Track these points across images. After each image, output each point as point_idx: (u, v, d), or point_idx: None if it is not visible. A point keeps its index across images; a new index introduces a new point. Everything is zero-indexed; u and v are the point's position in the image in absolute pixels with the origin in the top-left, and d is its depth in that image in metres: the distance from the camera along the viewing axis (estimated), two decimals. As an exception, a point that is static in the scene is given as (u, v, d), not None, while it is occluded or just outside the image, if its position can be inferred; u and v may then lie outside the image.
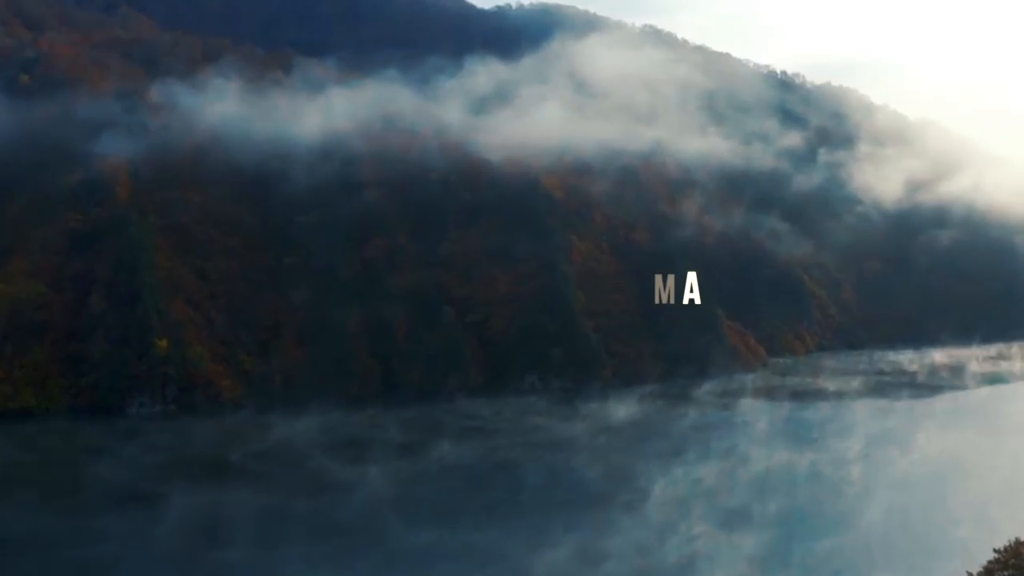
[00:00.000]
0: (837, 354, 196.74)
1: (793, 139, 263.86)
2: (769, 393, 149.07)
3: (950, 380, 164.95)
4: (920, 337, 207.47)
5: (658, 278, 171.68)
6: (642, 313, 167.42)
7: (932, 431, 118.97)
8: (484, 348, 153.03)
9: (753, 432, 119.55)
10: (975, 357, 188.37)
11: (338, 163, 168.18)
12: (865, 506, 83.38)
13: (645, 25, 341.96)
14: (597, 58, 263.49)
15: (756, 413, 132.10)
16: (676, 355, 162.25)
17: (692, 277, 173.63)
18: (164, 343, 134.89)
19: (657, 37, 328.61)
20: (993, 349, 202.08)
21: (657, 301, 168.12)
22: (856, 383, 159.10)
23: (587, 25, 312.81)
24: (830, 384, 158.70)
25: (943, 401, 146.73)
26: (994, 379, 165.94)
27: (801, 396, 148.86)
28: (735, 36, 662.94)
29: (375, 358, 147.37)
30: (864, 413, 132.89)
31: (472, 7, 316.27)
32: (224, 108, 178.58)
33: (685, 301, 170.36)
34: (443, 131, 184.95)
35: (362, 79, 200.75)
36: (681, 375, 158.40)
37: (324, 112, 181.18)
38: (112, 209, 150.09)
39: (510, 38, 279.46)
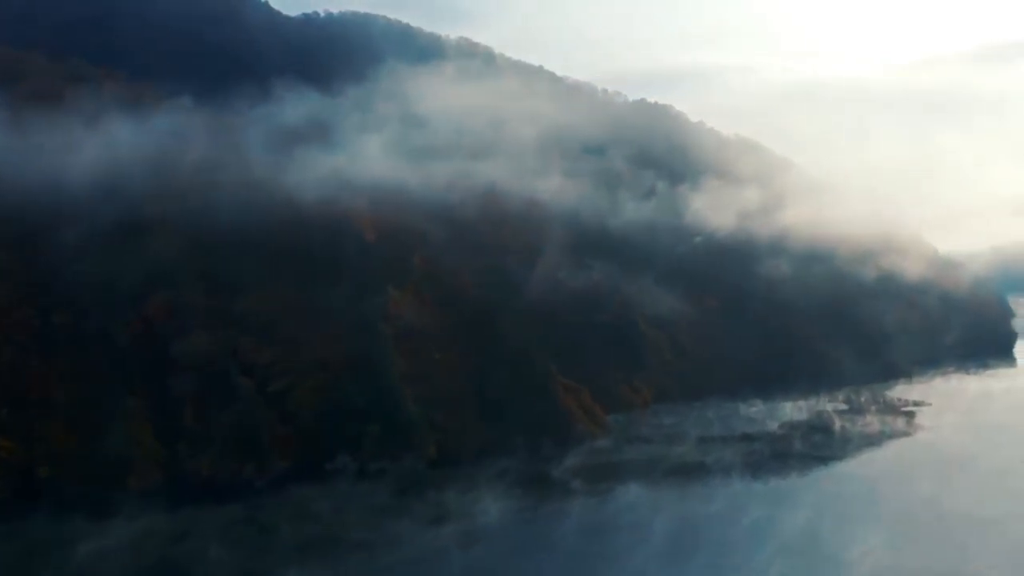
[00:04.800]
0: (678, 407, 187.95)
1: (625, 167, 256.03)
2: (641, 472, 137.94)
3: (826, 446, 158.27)
4: (764, 384, 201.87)
5: (484, 333, 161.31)
6: (467, 375, 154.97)
7: (857, 531, 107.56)
8: (288, 425, 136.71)
9: (654, 540, 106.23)
10: (832, 412, 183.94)
11: (119, 203, 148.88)
12: None
13: (460, 38, 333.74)
14: (420, 82, 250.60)
15: (642, 507, 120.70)
16: (506, 424, 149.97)
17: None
18: None
19: (473, 51, 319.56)
20: (841, 397, 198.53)
21: (484, 360, 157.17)
22: (729, 454, 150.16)
23: (402, 38, 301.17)
24: (700, 455, 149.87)
25: (835, 477, 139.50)
26: (869, 441, 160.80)
27: (677, 474, 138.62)
28: (542, 46, 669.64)
29: (160, 441, 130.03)
30: (764, 502, 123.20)
31: (279, 15, 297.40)
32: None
33: (514, 358, 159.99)
34: (244, 167, 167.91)
35: (151, 105, 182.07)
36: (515, 447, 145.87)
37: (105, 143, 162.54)
38: None
39: (323, 55, 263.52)
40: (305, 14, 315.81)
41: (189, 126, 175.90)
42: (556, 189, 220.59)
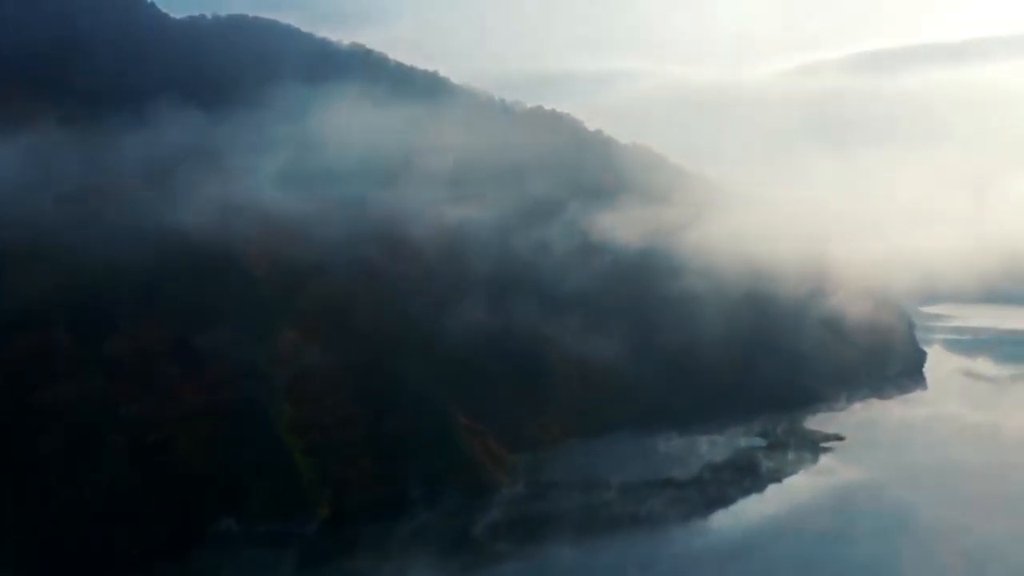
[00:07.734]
0: (589, 444, 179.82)
1: (530, 186, 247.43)
2: (569, 528, 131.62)
3: (755, 490, 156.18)
4: (677, 414, 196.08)
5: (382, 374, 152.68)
6: (364, 421, 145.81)
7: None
8: (165, 484, 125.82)
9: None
10: (752, 448, 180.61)
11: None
12: None
13: (353, 43, 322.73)
14: (315, 96, 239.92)
15: (581, 573, 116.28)
16: (407, 474, 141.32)
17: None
18: None
19: (367, 59, 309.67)
20: (757, 428, 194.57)
21: (382, 404, 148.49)
22: (659, 504, 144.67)
23: (294, 44, 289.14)
24: (628, 505, 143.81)
25: (777, 534, 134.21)
26: (799, 487, 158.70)
27: (609, 530, 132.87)
28: (434, 51, 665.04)
29: (22, 507, 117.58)
30: (712, 566, 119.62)
31: (166, 18, 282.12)
32: None
33: (415, 401, 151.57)
34: (119, 194, 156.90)
35: (16, 122, 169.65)
36: (418, 500, 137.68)
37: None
38: None
39: (209, 64, 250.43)
40: (191, 16, 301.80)
41: (59, 147, 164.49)
42: (460, 215, 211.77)
